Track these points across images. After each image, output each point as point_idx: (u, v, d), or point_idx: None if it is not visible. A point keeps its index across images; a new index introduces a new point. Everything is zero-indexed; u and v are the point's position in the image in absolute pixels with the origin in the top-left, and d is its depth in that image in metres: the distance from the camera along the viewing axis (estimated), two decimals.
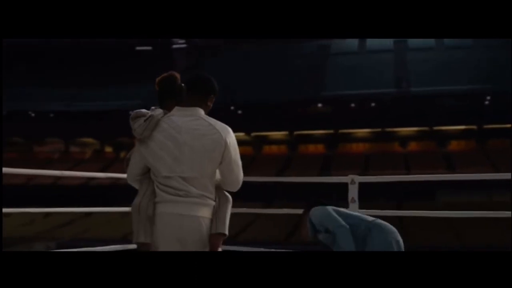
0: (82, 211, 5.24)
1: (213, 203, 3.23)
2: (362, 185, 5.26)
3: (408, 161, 31.56)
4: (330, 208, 4.01)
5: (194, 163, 3.15)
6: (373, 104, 34.12)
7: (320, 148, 37.11)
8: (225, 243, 3.41)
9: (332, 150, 35.53)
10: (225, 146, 3.22)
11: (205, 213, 3.18)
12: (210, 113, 3.37)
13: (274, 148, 37.76)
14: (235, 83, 34.84)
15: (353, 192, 5.25)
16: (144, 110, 3.36)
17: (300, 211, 4.31)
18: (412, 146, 35.11)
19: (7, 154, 38.45)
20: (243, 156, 3.47)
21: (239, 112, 35.77)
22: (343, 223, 3.79)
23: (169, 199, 3.14)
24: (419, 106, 32.29)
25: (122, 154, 36.57)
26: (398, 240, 3.77)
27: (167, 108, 3.43)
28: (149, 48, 41.16)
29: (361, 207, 5.15)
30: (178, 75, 3.75)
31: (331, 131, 36.10)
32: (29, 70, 40.48)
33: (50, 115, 39.19)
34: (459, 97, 32.28)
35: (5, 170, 4.39)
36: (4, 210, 4.14)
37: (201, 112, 3.28)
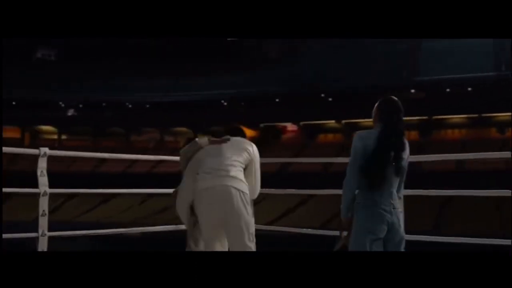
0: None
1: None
2: None
3: (506, 148, 30.08)
4: None
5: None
6: (469, 89, 32.76)
7: (413, 135, 36.13)
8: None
9: (426, 137, 34.48)
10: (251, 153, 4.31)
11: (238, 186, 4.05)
12: (299, 100, 3.54)
13: None
14: (325, 71, 34.58)
15: None
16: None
17: None
18: (511, 132, 33.43)
19: (106, 142, 40.27)
20: (333, 144, 3.56)
21: (330, 99, 35.48)
22: None
23: (209, 177, 4.05)
24: None
25: None
26: None
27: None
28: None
29: None
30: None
31: (425, 117, 35.03)
32: (127, 62, 42.07)
33: (146, 105, 40.61)
34: None
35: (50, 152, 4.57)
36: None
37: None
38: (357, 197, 3.71)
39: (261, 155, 4.40)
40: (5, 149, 4.48)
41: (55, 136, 43.14)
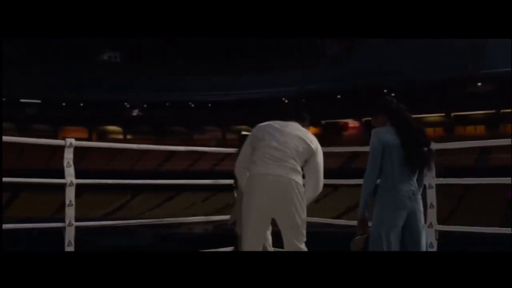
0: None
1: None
2: None
3: None
4: None
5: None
6: None
7: (480, 129, 35.06)
8: None
9: (494, 132, 33.36)
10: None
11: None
12: (361, 96, 3.64)
13: (429, 131, 36.32)
14: (387, 66, 33.98)
15: None
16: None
17: None
18: None
19: (170, 141, 41.00)
20: None
21: (392, 94, 34.86)
22: None
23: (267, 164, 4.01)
24: None
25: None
26: None
27: None
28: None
29: None
30: None
31: (492, 111, 33.90)
32: (189, 61, 42.69)
33: (208, 104, 41.10)
34: None
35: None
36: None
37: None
38: (378, 185, 3.78)
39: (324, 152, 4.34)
40: (30, 140, 4.54)
41: (121, 136, 44.26)
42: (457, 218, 27.03)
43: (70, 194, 4.50)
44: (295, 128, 4.21)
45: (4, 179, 4.05)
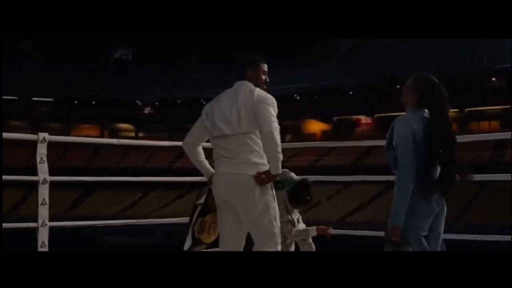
0: None
1: None
2: None
3: None
4: None
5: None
6: None
7: (494, 125, 34.69)
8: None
9: (509, 127, 32.98)
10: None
11: None
12: (374, 92, 3.49)
13: None
14: (400, 61, 33.69)
15: None
16: None
17: None
18: None
19: (182, 139, 40.92)
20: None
21: None
22: None
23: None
24: None
25: (288, 138, 37.22)
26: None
27: None
28: None
29: None
30: None
31: (508, 106, 33.54)
32: (200, 58, 42.67)
33: None
34: None
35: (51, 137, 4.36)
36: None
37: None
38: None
39: (336, 148, 4.06)
40: (5, 134, 4.33)
41: (133, 134, 44.35)
42: (470, 216, 26.79)
43: (43, 192, 4.17)
44: (233, 92, 3.73)
45: None
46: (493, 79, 33.44)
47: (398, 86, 34.33)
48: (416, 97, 3.42)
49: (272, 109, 3.62)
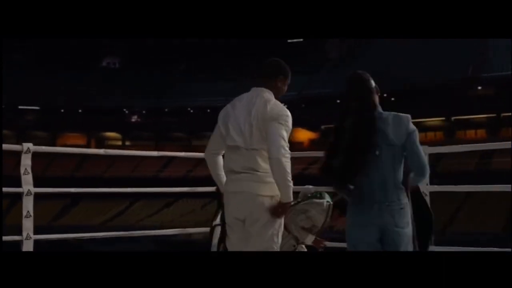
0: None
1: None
2: None
3: None
4: None
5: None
6: None
7: (481, 133, 34.90)
8: None
9: (495, 136, 33.22)
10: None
11: None
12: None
13: (430, 135, 36.17)
14: (387, 70, 33.83)
15: None
16: None
17: None
18: None
19: (169, 147, 40.80)
20: None
21: (392, 99, 34.70)
22: None
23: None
24: None
25: None
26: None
27: None
28: (300, 40, 41.24)
29: None
30: None
31: (493, 115, 33.76)
32: (188, 67, 42.59)
33: (207, 110, 40.94)
34: None
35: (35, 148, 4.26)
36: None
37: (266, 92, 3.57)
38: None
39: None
40: None
41: (120, 142, 44.12)
42: (458, 224, 26.88)
43: (27, 204, 4.07)
44: (248, 100, 3.57)
45: None
46: (479, 87, 33.67)
47: (385, 95, 34.54)
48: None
49: (284, 128, 3.49)
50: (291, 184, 3.43)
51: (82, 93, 40.96)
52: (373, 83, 3.44)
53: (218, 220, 3.86)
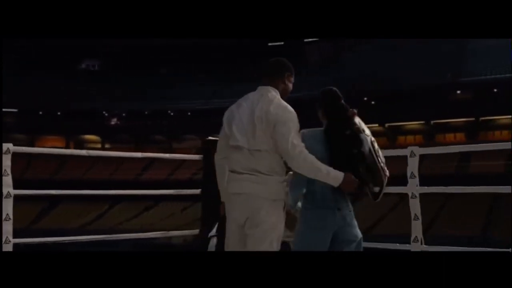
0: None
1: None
2: None
3: None
4: None
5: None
6: None
7: (459, 137, 35.26)
8: None
9: (473, 139, 33.57)
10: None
11: None
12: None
13: (409, 139, 36.44)
14: (367, 74, 34.03)
15: (412, 167, 4.68)
16: None
17: None
18: None
19: (149, 150, 40.64)
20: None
21: (372, 102, 34.90)
22: None
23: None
24: None
25: None
26: None
27: None
28: (281, 43, 41.27)
29: None
30: None
31: (472, 119, 34.12)
32: (169, 70, 42.44)
33: (188, 113, 40.79)
34: None
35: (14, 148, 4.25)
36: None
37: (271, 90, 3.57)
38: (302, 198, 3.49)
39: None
40: None
41: (99, 145, 43.76)
42: (439, 226, 27.05)
43: (7, 207, 3.96)
44: (253, 100, 3.58)
45: None
46: (458, 92, 34.01)
47: (365, 99, 34.74)
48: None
49: (290, 128, 3.47)
50: (326, 170, 3.37)
51: (61, 95, 40.55)
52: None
53: (214, 231, 3.78)
